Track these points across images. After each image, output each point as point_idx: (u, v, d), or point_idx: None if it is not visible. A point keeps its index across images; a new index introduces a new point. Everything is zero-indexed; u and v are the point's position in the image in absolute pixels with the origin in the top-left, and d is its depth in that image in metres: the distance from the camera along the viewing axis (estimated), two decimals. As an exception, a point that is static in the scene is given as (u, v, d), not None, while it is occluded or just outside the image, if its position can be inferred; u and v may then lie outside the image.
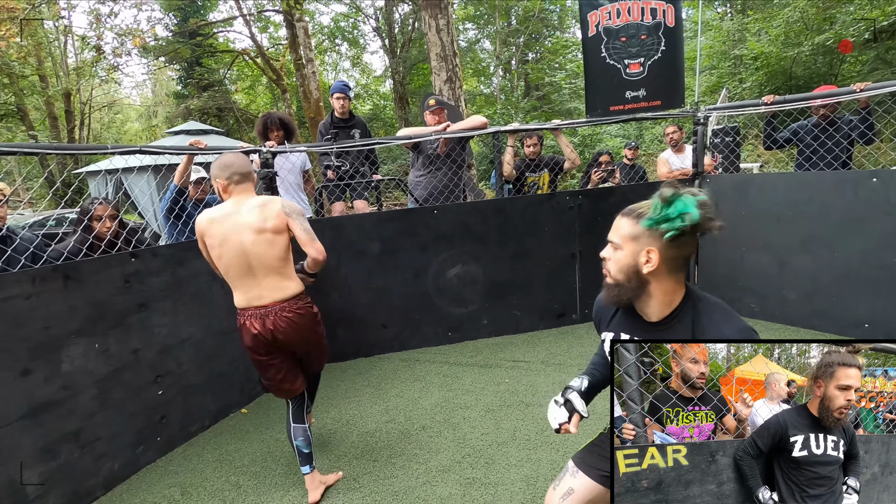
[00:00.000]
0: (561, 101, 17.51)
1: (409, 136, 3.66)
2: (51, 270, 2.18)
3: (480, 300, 3.83)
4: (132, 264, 2.52)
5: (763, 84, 11.62)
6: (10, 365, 2.01)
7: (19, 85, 19.19)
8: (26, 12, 8.29)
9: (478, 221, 3.75)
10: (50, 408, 2.14)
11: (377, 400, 3.02)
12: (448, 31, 7.62)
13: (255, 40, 16.77)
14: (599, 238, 3.96)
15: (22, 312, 2.06)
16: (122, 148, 2.47)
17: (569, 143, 3.88)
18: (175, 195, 3.00)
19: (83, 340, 2.27)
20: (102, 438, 2.34)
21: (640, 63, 3.72)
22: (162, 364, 2.64)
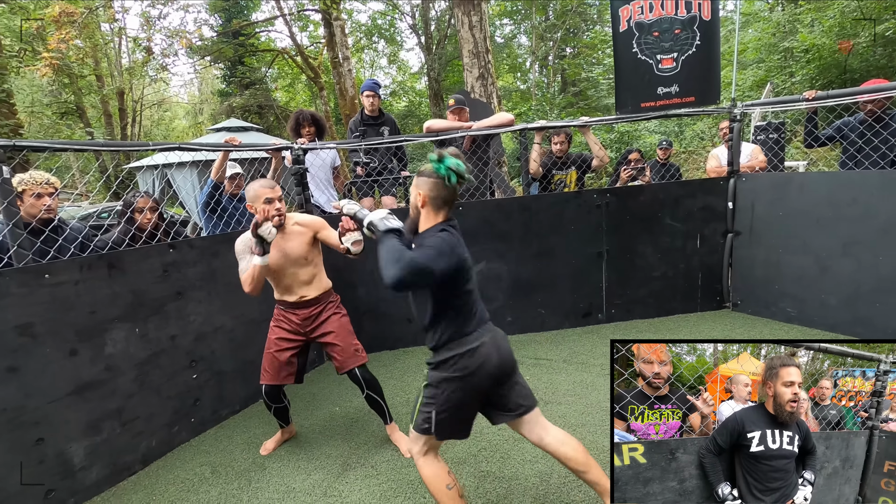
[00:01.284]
0: (598, 96, 17.15)
1: (436, 130, 3.69)
2: (97, 258, 2.34)
3: (504, 297, 3.84)
4: (170, 255, 2.67)
5: (814, 78, 11.02)
6: (59, 346, 2.18)
7: (78, 84, 20.39)
8: (84, 16, 8.81)
9: (502, 219, 3.75)
10: (94, 387, 2.30)
11: (399, 392, 3.09)
12: (481, 27, 7.60)
13: (295, 39, 17.20)
14: (628, 237, 3.87)
15: (70, 297, 2.22)
16: (163, 145, 2.62)
17: (597, 140, 3.83)
18: (211, 190, 3.15)
19: (125, 325, 2.43)
20: (141, 417, 2.49)
21: (674, 58, 3.62)
22: (196, 350, 2.79)
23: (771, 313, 3.69)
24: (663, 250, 3.89)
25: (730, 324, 3.66)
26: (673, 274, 3.93)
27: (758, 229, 3.71)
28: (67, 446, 2.19)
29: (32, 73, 13.01)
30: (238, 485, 2.28)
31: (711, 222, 3.89)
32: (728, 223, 3.86)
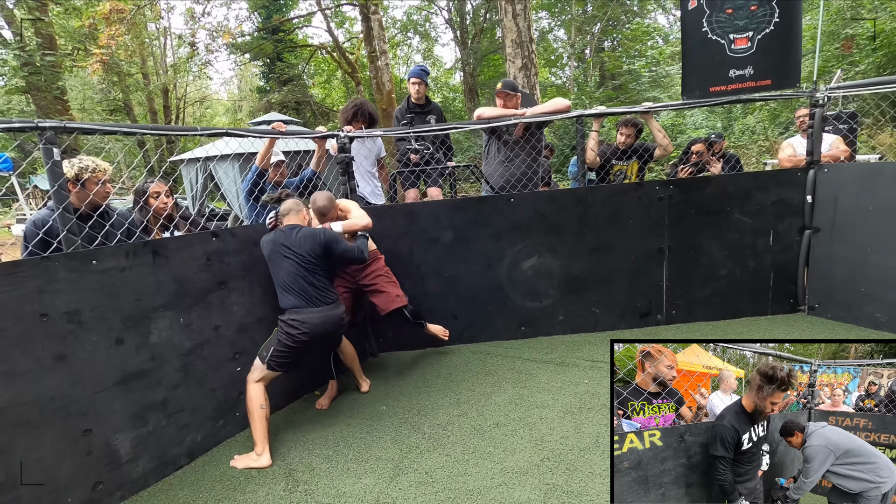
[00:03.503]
0: (639, 90, 16.56)
1: (487, 118, 3.50)
2: (142, 245, 2.26)
3: (556, 294, 3.62)
4: (213, 243, 2.58)
5: (882, 67, 10.24)
6: (106, 333, 2.11)
7: (126, 83, 21.16)
8: (132, 13, 9.02)
9: (556, 211, 3.53)
10: (140, 377, 2.23)
11: (448, 392, 2.92)
12: (525, 16, 7.36)
13: (333, 33, 17.30)
14: (692, 232, 3.58)
15: (116, 284, 2.15)
16: (211, 130, 2.53)
17: (660, 127, 3.56)
18: (256, 177, 3.06)
19: (169, 314, 2.35)
20: (186, 409, 2.41)
21: (748, 37, 3.31)
22: (239, 341, 2.69)
23: (854, 318, 3.34)
24: (731, 247, 3.58)
25: (807, 329, 3.33)
26: (741, 273, 3.62)
27: (841, 225, 3.36)
28: (114, 437, 2.13)
29: (84, 70, 13.52)
30: (285, 486, 2.16)
31: (786, 217, 3.55)
32: (805, 218, 3.52)
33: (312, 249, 2.51)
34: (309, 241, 2.52)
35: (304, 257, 2.50)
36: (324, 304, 2.54)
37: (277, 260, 2.52)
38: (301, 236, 2.52)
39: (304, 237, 2.52)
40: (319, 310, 2.52)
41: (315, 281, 2.53)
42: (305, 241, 2.52)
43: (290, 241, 2.51)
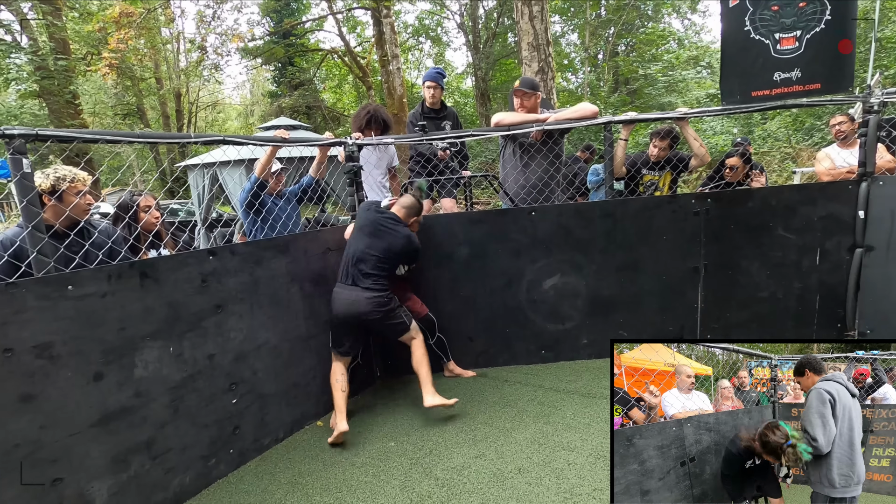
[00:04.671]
0: (655, 94, 16.21)
1: (507, 124, 3.24)
2: (128, 267, 2.03)
3: (580, 316, 3.34)
4: (210, 262, 2.34)
5: (912, 71, 9.81)
6: (83, 368, 1.87)
7: (139, 87, 21.27)
8: (143, 16, 8.92)
9: (581, 226, 3.26)
10: (122, 415, 1.99)
11: (463, 426, 2.65)
12: (542, 17, 7.10)
13: (343, 37, 17.20)
14: (730, 250, 3.28)
15: (97, 312, 1.92)
16: (206, 137, 2.30)
17: (697, 135, 3.26)
18: (255, 188, 2.83)
19: (158, 343, 2.11)
20: (174, 449, 2.17)
21: (796, 37, 3.01)
22: (237, 371, 2.45)
23: (914, 347, 3.01)
24: (773, 266, 3.27)
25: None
26: (784, 295, 3.31)
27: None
28: (89, 486, 1.89)
29: (96, 73, 13.50)
30: (280, 544, 1.90)
31: (835, 234, 3.24)
32: (857, 236, 3.19)
33: (398, 249, 2.70)
34: (401, 241, 2.71)
35: (384, 249, 2.67)
36: (359, 287, 2.64)
37: (363, 234, 2.71)
38: (399, 233, 2.72)
39: (400, 236, 2.71)
40: (351, 290, 2.65)
41: (370, 269, 2.66)
42: (398, 239, 2.70)
43: (387, 228, 2.71)
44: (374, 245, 2.68)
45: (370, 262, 2.66)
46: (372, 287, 2.65)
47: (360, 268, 2.65)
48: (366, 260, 2.65)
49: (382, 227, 2.72)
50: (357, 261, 2.66)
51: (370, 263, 2.66)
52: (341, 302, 2.66)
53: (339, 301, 2.67)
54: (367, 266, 2.66)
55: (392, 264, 2.75)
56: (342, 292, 2.67)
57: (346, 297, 2.65)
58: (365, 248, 2.67)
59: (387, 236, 2.70)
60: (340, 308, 2.67)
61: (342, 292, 2.67)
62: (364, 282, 2.64)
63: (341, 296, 2.67)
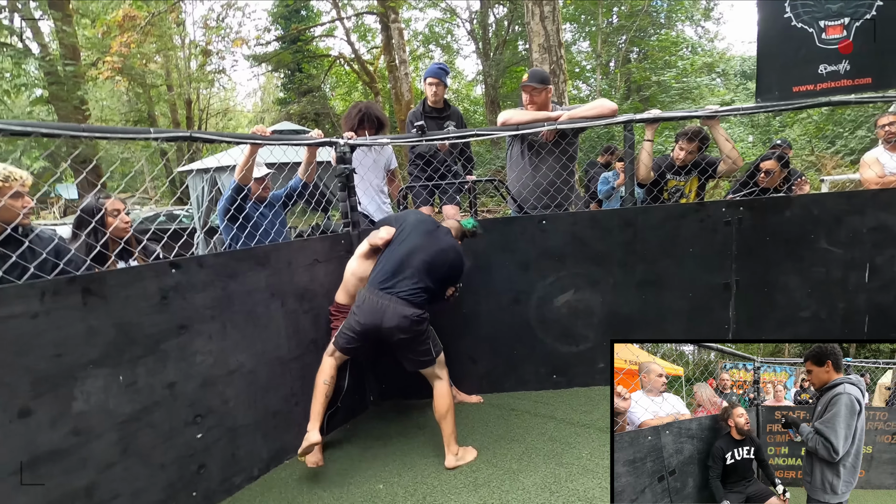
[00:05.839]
0: (668, 101, 15.86)
1: (515, 123, 2.92)
2: (66, 283, 1.73)
3: (596, 337, 2.99)
4: (172, 276, 2.04)
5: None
6: (4, 404, 1.57)
7: (150, 94, 21.35)
8: (147, 20, 8.80)
9: (597, 236, 2.92)
10: (55, 458, 1.68)
11: (463, 467, 2.31)
12: (553, 18, 6.81)
13: (351, 43, 17.09)
14: (766, 264, 2.88)
15: (24, 336, 1.62)
16: (168, 133, 2.00)
17: (728, 136, 2.92)
18: (234, 194, 2.53)
19: (104, 372, 1.81)
20: (122, 495, 1.85)
21: (844, 25, 2.67)
22: (203, 400, 2.14)
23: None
24: (815, 283, 2.91)
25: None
26: (827, 315, 2.94)
27: (963, 260, 2.66)
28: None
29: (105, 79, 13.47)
30: None
31: (886, 248, 2.87)
32: (912, 250, 2.82)
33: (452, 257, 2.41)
34: (455, 251, 2.43)
35: (437, 252, 2.37)
36: (394, 296, 2.26)
37: (416, 233, 2.40)
38: (453, 242, 2.46)
39: (455, 245, 2.45)
40: (383, 296, 2.26)
41: (413, 277, 2.30)
42: (453, 248, 2.43)
43: (435, 234, 2.43)
44: (426, 246, 2.35)
45: (415, 267, 2.30)
46: (410, 300, 2.26)
47: (403, 273, 2.30)
48: (411, 263, 2.30)
49: (437, 232, 2.44)
50: (400, 264, 2.31)
51: (415, 269, 2.30)
52: (366, 309, 2.28)
53: (365, 309, 2.28)
54: (411, 272, 2.30)
55: (438, 275, 2.37)
56: (371, 297, 2.29)
57: (374, 303, 2.27)
58: (414, 248, 2.33)
59: (441, 241, 2.40)
60: (368, 318, 2.27)
61: (371, 297, 2.29)
62: (402, 290, 2.27)
63: (369, 301, 2.29)
